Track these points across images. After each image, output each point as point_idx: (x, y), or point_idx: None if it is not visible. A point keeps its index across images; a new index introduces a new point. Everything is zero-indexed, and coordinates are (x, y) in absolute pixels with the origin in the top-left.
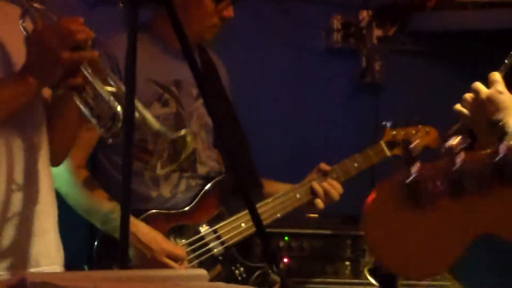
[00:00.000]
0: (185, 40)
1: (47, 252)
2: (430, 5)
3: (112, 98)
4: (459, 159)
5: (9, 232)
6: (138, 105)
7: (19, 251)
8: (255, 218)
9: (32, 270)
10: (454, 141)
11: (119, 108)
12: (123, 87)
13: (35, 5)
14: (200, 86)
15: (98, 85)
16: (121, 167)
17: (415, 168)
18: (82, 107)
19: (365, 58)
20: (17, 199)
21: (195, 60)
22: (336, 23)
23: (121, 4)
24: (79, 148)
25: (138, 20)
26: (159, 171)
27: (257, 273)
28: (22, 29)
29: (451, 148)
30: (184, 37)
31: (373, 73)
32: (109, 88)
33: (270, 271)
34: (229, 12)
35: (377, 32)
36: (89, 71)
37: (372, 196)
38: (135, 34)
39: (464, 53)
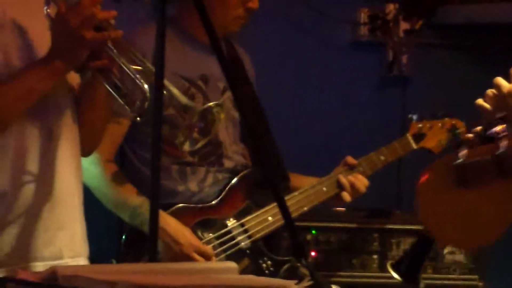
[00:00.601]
0: (213, 33)
1: (71, 245)
2: None
3: (138, 76)
4: (503, 144)
5: (24, 222)
6: (165, 81)
7: (40, 243)
8: (284, 211)
9: (55, 262)
10: (498, 128)
11: (146, 86)
12: (149, 65)
13: None
14: (228, 80)
15: (124, 64)
16: (149, 161)
17: (462, 152)
18: (109, 88)
19: (392, 51)
20: (31, 189)
21: (224, 54)
22: (363, 16)
23: None
24: (107, 141)
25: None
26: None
27: (285, 266)
28: (46, 15)
29: (495, 133)
30: (212, 30)
31: (400, 66)
32: (136, 67)
33: (298, 265)
34: (254, 4)
35: (404, 25)
36: (114, 51)
37: (425, 175)
38: (164, 29)
39: (490, 46)
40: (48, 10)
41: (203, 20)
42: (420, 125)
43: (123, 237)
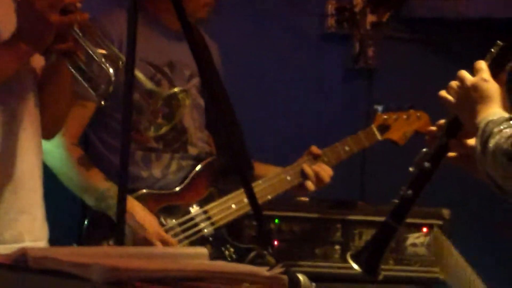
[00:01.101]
0: (184, 17)
1: (32, 228)
2: None
3: (104, 60)
4: None
5: None
6: None
7: (1, 226)
8: (251, 197)
9: (15, 245)
10: None
11: (111, 70)
12: (115, 49)
13: None
14: (199, 66)
15: (89, 48)
16: (112, 146)
17: None
18: (74, 71)
19: (359, 44)
20: None
21: (195, 39)
22: (331, 8)
23: None
24: (72, 125)
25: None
26: (154, 133)
27: (251, 254)
28: None
29: None
30: (183, 13)
31: (366, 59)
32: (101, 51)
33: (265, 253)
34: None
35: (371, 18)
36: (80, 34)
37: None
38: (136, 14)
39: (456, 41)
40: None
41: (174, 3)
42: (385, 117)
43: (86, 221)
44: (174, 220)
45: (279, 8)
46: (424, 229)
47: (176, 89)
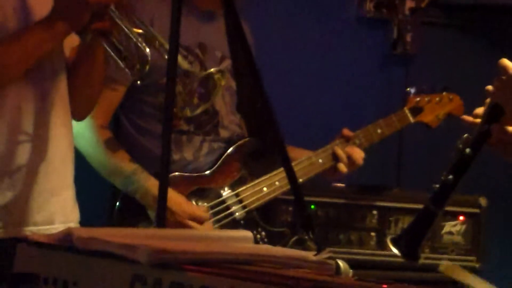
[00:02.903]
0: None
1: (62, 210)
2: None
3: (140, 39)
4: None
5: (20, 186)
6: (167, 45)
7: (33, 208)
8: (292, 179)
9: (47, 227)
10: None
11: (147, 50)
12: (151, 29)
13: None
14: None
15: (126, 27)
16: (144, 129)
17: None
18: (110, 50)
19: (397, 29)
20: (27, 150)
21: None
22: None
23: None
24: (102, 108)
25: None
26: (190, 114)
27: (293, 238)
28: None
29: None
30: None
31: (404, 44)
32: (138, 30)
33: (306, 238)
34: None
35: (410, 4)
36: (117, 13)
37: None
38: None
39: (494, 27)
40: None
41: None
42: (418, 99)
43: (117, 204)
44: (205, 203)
45: None
46: (461, 217)
47: (212, 70)
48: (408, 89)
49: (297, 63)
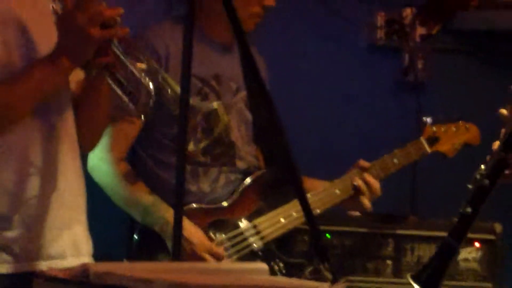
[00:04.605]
0: (239, 26)
1: (74, 243)
2: (474, 4)
3: (143, 75)
4: None
5: (30, 221)
6: (169, 80)
7: (45, 242)
8: (306, 210)
9: (59, 261)
10: None
11: (151, 85)
12: (154, 64)
13: None
14: (247, 79)
15: (129, 62)
16: (161, 161)
17: None
18: (114, 85)
19: (408, 56)
20: (36, 185)
21: (249, 49)
22: (380, 20)
23: None
24: (119, 140)
25: (180, 12)
26: (193, 147)
27: (309, 269)
28: (52, 11)
29: None
30: (238, 22)
31: (416, 72)
32: (141, 65)
33: (321, 267)
34: (270, 1)
35: (421, 30)
36: (120, 49)
37: None
38: (192, 26)
39: (507, 53)
40: (54, 6)
41: (228, 11)
42: (434, 129)
43: (135, 236)
44: (223, 235)
45: (327, 19)
46: (476, 244)
47: (215, 104)
48: (424, 118)
49: (309, 91)
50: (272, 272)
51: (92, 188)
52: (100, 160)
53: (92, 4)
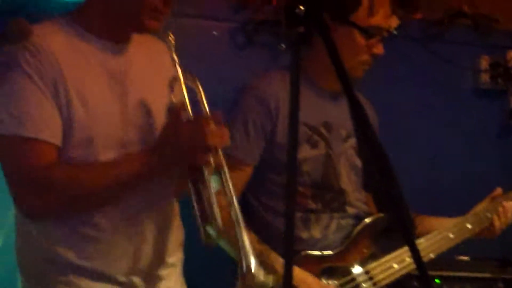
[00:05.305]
0: (344, 75)
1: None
2: None
3: (215, 206)
4: None
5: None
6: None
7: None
8: (416, 257)
9: None
10: None
11: (219, 218)
12: (231, 189)
13: (189, 76)
14: (357, 126)
15: (210, 188)
16: (272, 208)
17: None
18: (193, 196)
19: None
20: (147, 254)
21: (356, 98)
22: (484, 63)
23: (282, 45)
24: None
25: (285, 62)
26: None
27: None
28: (169, 107)
29: None
30: (344, 71)
31: None
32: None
33: None
34: (379, 49)
35: None
36: (207, 173)
37: None
38: (298, 75)
39: None
40: (172, 96)
41: (333, 60)
42: None
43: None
44: (336, 282)
45: (431, 64)
46: None
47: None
48: None
49: (415, 135)
50: None
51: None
52: None
53: (205, 127)
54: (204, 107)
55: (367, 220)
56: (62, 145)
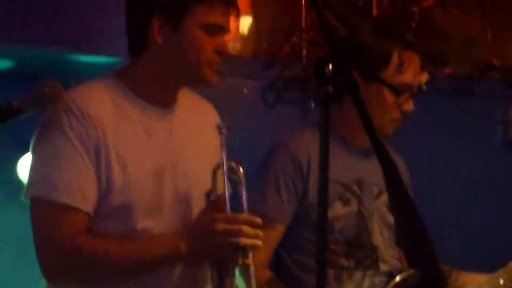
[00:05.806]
0: (373, 134)
1: None
2: None
3: None
4: None
5: None
6: None
7: None
8: None
9: None
10: None
11: None
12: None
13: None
14: (388, 184)
15: (233, 283)
16: (305, 265)
17: None
18: (215, 277)
19: None
20: None
21: (387, 155)
22: None
23: (312, 104)
24: (261, 248)
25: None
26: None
27: None
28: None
29: None
30: (372, 130)
31: None
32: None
33: None
34: (409, 106)
35: None
36: (232, 268)
37: None
38: (328, 134)
39: None
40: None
41: (362, 118)
42: None
43: None
44: None
45: (460, 118)
46: None
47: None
48: None
49: (446, 189)
50: None
51: None
52: None
53: (238, 224)
54: (245, 203)
55: (397, 278)
56: (99, 211)
